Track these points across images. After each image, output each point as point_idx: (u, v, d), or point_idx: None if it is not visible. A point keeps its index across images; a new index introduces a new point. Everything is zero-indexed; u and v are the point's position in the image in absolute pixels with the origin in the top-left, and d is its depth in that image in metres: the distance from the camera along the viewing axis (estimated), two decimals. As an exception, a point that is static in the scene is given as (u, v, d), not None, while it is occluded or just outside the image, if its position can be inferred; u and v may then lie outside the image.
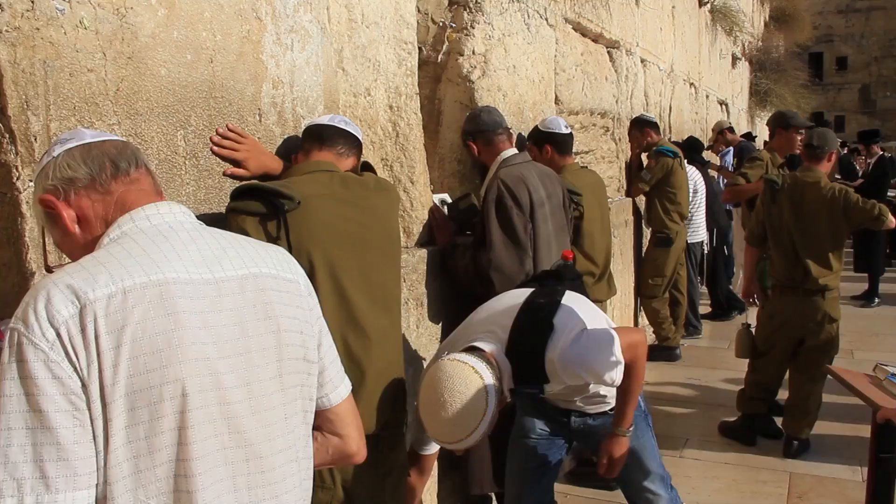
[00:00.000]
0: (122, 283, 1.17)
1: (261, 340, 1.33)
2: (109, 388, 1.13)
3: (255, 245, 1.45)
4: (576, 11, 5.14)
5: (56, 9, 1.63)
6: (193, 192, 2.03)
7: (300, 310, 1.45)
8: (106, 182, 1.33)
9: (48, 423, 1.09)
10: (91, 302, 1.13)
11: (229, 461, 1.25)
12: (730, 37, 12.36)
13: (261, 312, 1.34)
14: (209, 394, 1.22)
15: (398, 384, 2.26)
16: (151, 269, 1.21)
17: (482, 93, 3.84)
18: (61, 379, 1.11)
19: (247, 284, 1.34)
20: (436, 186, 3.69)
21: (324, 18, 2.52)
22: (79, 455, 1.11)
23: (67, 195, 1.32)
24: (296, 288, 1.46)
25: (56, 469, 1.09)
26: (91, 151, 1.34)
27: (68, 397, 1.11)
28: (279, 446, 1.34)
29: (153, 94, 1.88)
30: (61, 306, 1.13)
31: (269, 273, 1.39)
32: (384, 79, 2.94)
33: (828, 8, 32.15)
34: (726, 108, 12.33)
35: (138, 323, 1.15)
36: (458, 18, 3.84)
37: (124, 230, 1.29)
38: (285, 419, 1.37)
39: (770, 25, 17.19)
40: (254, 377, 1.30)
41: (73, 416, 1.11)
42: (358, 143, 2.34)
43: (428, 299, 3.09)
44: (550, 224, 3.19)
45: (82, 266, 1.19)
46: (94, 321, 1.13)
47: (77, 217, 1.32)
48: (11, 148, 1.61)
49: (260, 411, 1.31)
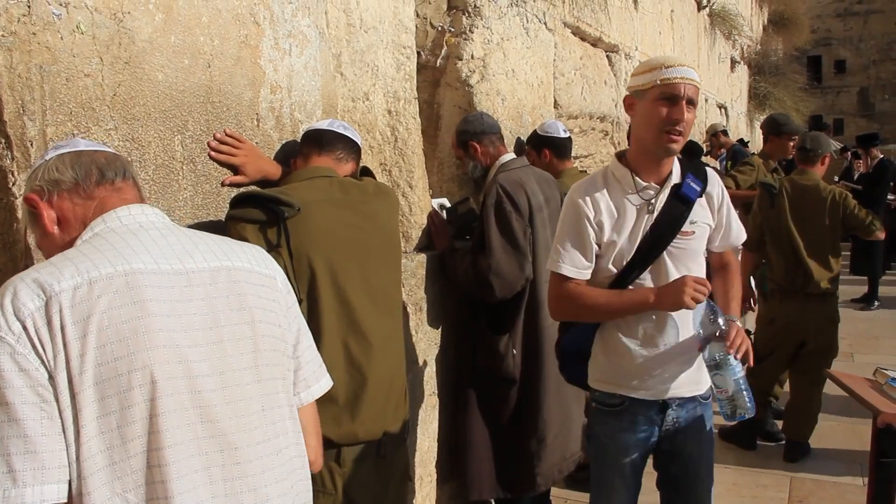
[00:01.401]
0: (88, 275, 1.18)
1: (234, 330, 1.33)
2: (77, 377, 1.13)
3: (231, 242, 1.46)
4: (574, 16, 5.13)
5: (53, 14, 1.63)
6: (191, 198, 2.02)
7: (276, 304, 1.45)
8: (89, 187, 1.36)
9: (15, 416, 1.09)
10: (56, 294, 1.15)
11: (203, 451, 1.24)
12: (728, 40, 12.37)
13: (234, 303, 1.35)
14: (179, 381, 1.22)
15: (400, 389, 2.26)
16: (118, 260, 1.23)
17: (481, 97, 3.83)
18: (28, 371, 1.11)
19: (219, 276, 1.35)
20: (434, 191, 3.68)
21: (322, 23, 2.51)
22: (47, 448, 1.11)
23: (51, 196, 1.35)
24: (272, 283, 1.46)
25: (23, 462, 1.09)
26: (81, 158, 1.38)
27: (35, 389, 1.11)
28: (256, 438, 1.33)
29: (150, 98, 1.87)
30: (27, 299, 1.14)
31: (242, 266, 1.40)
32: (383, 83, 2.93)
33: (826, 11, 32.17)
34: (725, 112, 12.33)
35: (104, 312, 1.16)
36: (457, 23, 3.83)
37: (96, 231, 1.31)
38: (262, 411, 1.36)
39: (768, 29, 17.20)
40: (227, 366, 1.30)
41: (40, 408, 1.11)
42: (357, 147, 2.33)
43: (427, 304, 3.08)
44: (549, 228, 3.18)
45: (50, 262, 1.22)
46: (59, 312, 1.14)
47: (57, 218, 1.35)
48: (7, 153, 1.61)
49: (234, 401, 1.30)
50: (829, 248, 4.41)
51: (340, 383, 2.02)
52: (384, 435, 2.17)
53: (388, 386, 2.18)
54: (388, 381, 2.19)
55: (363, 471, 2.12)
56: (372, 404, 2.12)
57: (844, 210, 4.36)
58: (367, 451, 2.13)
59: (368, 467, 2.14)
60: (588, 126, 5.48)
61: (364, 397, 2.09)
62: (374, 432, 2.13)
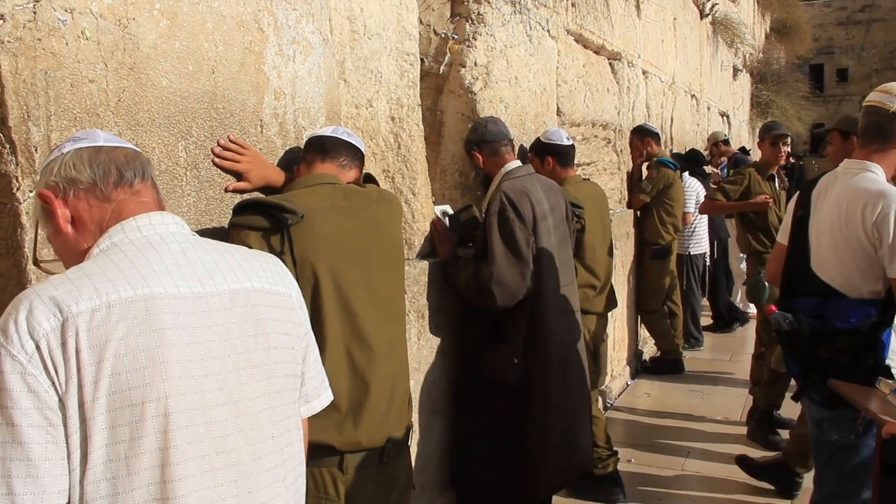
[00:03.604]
0: (107, 297, 1.15)
1: (250, 357, 1.31)
2: (90, 404, 1.10)
3: (249, 256, 1.43)
4: (578, 23, 5.14)
5: (58, 19, 1.63)
6: (194, 204, 2.02)
7: (291, 324, 1.43)
8: (107, 189, 1.32)
9: (20, 438, 1.07)
10: (74, 315, 1.11)
11: (218, 482, 1.22)
12: (731, 48, 12.39)
13: (251, 329, 1.32)
14: (195, 413, 1.19)
15: (403, 396, 2.25)
16: (138, 282, 1.19)
17: (484, 104, 3.83)
18: (37, 393, 1.09)
19: (237, 299, 1.32)
20: (437, 198, 3.68)
21: (326, 30, 2.51)
22: (49, 472, 1.09)
23: (66, 194, 1.31)
24: (288, 302, 1.44)
25: (24, 486, 1.07)
26: (99, 156, 1.33)
27: (43, 412, 1.09)
28: (266, 465, 1.32)
29: (154, 104, 1.87)
30: (42, 318, 1.11)
31: (261, 287, 1.37)
32: (386, 90, 2.93)
33: (828, 20, 32.23)
34: (727, 120, 12.34)
35: (122, 339, 1.13)
36: (461, 30, 3.84)
37: (114, 241, 1.27)
38: (273, 438, 1.34)
39: (771, 37, 17.24)
40: (241, 395, 1.28)
41: (46, 431, 1.09)
42: (360, 154, 2.33)
43: (429, 311, 3.08)
44: (553, 237, 3.18)
45: (67, 278, 1.17)
46: (75, 335, 1.11)
47: (71, 217, 1.31)
48: (12, 158, 1.60)
49: (247, 429, 1.28)
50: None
51: (343, 390, 2.02)
52: (387, 442, 2.17)
53: (390, 393, 2.18)
54: (391, 388, 2.18)
55: (366, 478, 2.12)
56: (375, 411, 2.11)
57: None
58: (369, 458, 2.12)
59: (371, 474, 2.13)
60: (591, 133, 5.48)
61: (367, 404, 2.09)
62: (376, 439, 2.13)
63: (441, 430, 3.23)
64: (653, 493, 4.18)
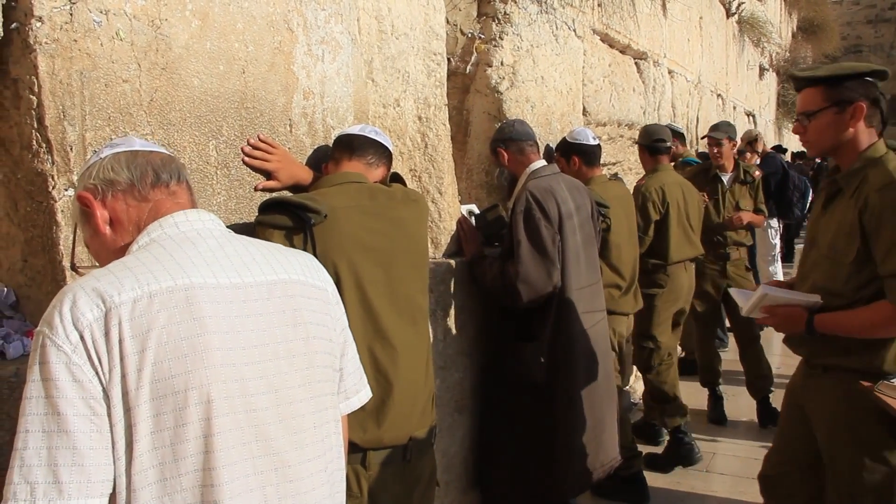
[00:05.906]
0: (148, 287, 1.17)
1: (289, 347, 1.32)
2: (133, 392, 1.12)
3: (285, 252, 1.44)
4: (604, 23, 5.12)
5: (93, 21, 1.65)
6: (224, 202, 2.04)
7: (328, 317, 1.44)
8: (144, 189, 1.34)
9: (66, 427, 1.09)
10: (116, 305, 1.13)
11: (258, 471, 1.23)
12: (757, 48, 12.28)
13: (289, 319, 1.34)
14: (236, 400, 1.21)
15: (426, 395, 2.26)
16: (178, 273, 1.21)
17: (510, 104, 3.83)
18: (82, 382, 1.10)
19: (275, 290, 1.33)
20: (463, 197, 3.68)
21: (354, 30, 2.53)
22: (94, 461, 1.10)
23: (105, 196, 1.33)
24: (324, 296, 1.45)
25: (70, 474, 1.08)
26: (136, 158, 1.36)
27: (87, 401, 1.10)
28: (308, 455, 1.32)
29: (186, 104, 1.89)
30: (86, 309, 1.12)
31: (298, 280, 1.39)
32: (413, 90, 2.94)
33: (856, 18, 31.82)
34: (753, 120, 12.24)
35: (163, 327, 1.15)
36: (487, 30, 3.84)
37: (153, 237, 1.29)
38: (314, 428, 1.35)
39: (798, 36, 17.07)
40: (282, 384, 1.29)
41: (91, 420, 1.10)
42: (388, 153, 2.34)
43: (455, 310, 3.08)
44: (579, 236, 3.17)
45: (109, 270, 1.19)
46: (118, 325, 1.12)
47: (110, 219, 1.34)
48: (48, 157, 1.63)
49: (287, 419, 1.29)
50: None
51: (366, 389, 2.03)
52: (410, 440, 2.17)
53: (414, 392, 2.18)
54: (414, 387, 2.19)
55: (389, 475, 2.12)
56: (398, 410, 2.12)
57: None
58: (393, 455, 2.13)
59: (394, 472, 2.14)
60: (616, 133, 5.47)
61: (390, 403, 2.09)
62: (399, 438, 2.13)
63: (466, 428, 3.23)
64: (676, 495, 4.16)
